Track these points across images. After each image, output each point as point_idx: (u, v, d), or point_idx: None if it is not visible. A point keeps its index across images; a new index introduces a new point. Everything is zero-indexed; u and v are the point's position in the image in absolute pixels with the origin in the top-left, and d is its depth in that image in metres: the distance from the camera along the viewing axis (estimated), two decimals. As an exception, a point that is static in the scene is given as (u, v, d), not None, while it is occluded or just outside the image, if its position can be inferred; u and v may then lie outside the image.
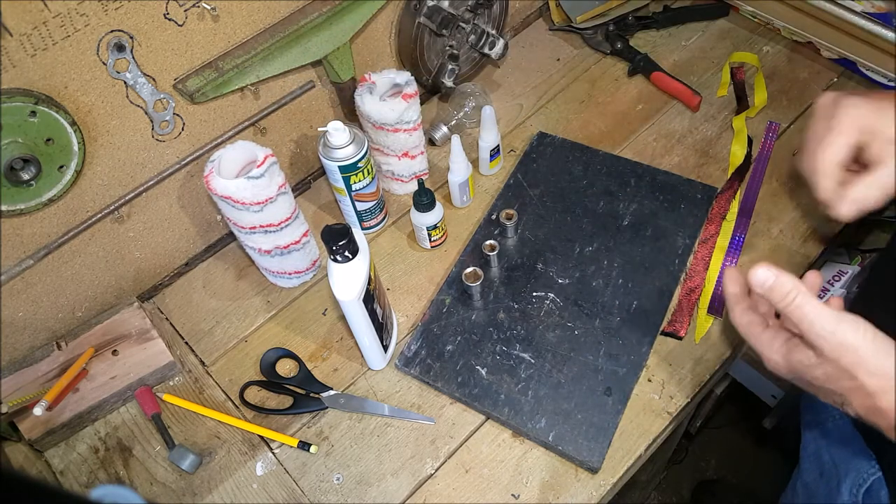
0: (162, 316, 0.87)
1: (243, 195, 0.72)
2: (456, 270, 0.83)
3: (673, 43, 1.05)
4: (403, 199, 0.94)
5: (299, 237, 0.80)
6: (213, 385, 0.80)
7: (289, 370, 0.80)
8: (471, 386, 0.74)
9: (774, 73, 0.99)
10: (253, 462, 0.74)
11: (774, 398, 1.19)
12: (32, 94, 0.64)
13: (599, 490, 0.68)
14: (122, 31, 0.67)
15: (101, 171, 0.74)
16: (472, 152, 0.92)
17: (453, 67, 0.93)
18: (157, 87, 0.73)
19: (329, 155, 0.79)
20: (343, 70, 0.85)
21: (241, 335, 0.84)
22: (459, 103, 0.97)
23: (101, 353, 0.79)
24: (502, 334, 0.77)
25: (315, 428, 0.75)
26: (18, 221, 0.71)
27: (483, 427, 0.73)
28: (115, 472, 0.75)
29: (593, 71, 1.04)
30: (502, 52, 0.96)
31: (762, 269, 0.54)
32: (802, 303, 0.52)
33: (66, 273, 0.78)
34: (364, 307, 0.68)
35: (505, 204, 0.88)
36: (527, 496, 0.69)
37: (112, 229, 0.79)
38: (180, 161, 0.80)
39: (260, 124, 0.84)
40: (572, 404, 0.71)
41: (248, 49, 0.76)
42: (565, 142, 0.94)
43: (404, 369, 0.77)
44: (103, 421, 0.79)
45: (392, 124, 0.82)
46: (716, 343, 0.76)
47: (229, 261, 0.91)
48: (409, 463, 0.72)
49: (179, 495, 0.72)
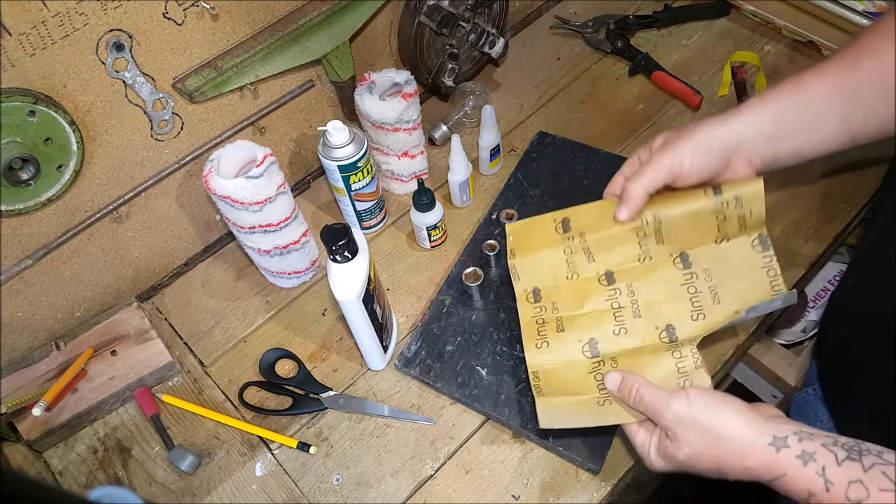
0: (161, 316, 0.87)
1: (242, 195, 0.72)
2: (456, 270, 0.83)
3: (674, 42, 1.05)
4: (403, 199, 0.93)
5: (299, 237, 0.80)
6: (213, 385, 0.80)
7: (288, 371, 0.80)
8: (471, 386, 0.74)
9: (775, 72, 0.99)
10: (252, 463, 0.74)
11: (775, 398, 1.19)
12: (31, 93, 0.63)
13: (600, 491, 0.68)
14: (121, 31, 0.67)
15: (100, 170, 0.74)
16: (472, 152, 0.92)
17: (453, 66, 0.93)
18: (156, 86, 0.72)
19: (328, 154, 0.79)
20: (343, 69, 0.84)
21: (240, 335, 0.84)
22: (459, 103, 0.97)
23: (99, 353, 0.79)
24: (503, 334, 0.77)
25: (314, 429, 0.75)
26: (17, 221, 0.71)
27: (483, 428, 0.73)
28: (114, 473, 0.75)
29: (594, 70, 1.04)
30: (502, 51, 0.95)
31: (612, 373, 0.62)
32: (643, 392, 0.58)
33: (65, 273, 0.78)
34: (364, 307, 0.68)
35: (505, 204, 0.88)
36: (527, 497, 0.68)
37: (111, 229, 0.79)
38: (179, 160, 0.80)
39: (259, 124, 0.84)
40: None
41: (248, 48, 0.75)
42: (566, 141, 0.94)
43: (404, 370, 0.77)
44: (102, 421, 0.79)
45: (392, 123, 0.82)
46: (716, 343, 0.76)
47: (228, 261, 0.91)
48: (409, 464, 0.72)
49: (178, 496, 0.72)
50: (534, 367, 0.68)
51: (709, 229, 0.66)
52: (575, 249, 0.70)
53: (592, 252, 0.69)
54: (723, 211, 0.65)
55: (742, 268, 0.65)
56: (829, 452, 0.50)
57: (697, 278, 0.66)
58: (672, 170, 0.62)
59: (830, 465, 0.50)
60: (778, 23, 1.01)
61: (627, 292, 0.68)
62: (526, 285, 0.72)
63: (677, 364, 0.63)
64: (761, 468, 0.52)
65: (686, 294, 0.66)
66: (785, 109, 0.61)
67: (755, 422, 0.54)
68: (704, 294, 0.65)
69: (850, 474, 0.49)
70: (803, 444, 0.51)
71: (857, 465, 0.49)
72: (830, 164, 0.87)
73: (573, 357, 0.67)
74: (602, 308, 0.68)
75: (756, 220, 0.65)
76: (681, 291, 0.66)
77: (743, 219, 0.65)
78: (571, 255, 0.70)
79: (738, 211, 0.65)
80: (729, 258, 0.66)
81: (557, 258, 0.71)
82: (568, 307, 0.69)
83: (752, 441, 0.53)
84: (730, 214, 0.65)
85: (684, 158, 0.62)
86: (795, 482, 0.51)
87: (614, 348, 0.66)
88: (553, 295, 0.71)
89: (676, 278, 0.67)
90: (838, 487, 0.49)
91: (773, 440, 0.52)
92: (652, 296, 0.67)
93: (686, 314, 0.65)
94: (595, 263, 0.69)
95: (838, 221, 0.83)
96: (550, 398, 0.65)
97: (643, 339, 0.66)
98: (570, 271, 0.70)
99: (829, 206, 0.84)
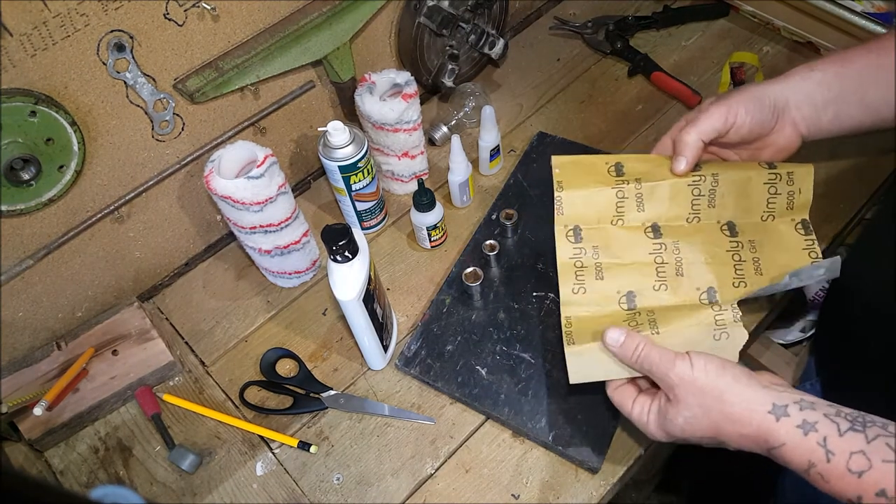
0: (162, 316, 0.87)
1: (243, 195, 0.72)
2: (456, 270, 0.83)
3: (673, 43, 1.05)
4: (403, 199, 0.94)
5: (299, 237, 0.80)
6: (213, 385, 0.80)
7: (289, 370, 0.80)
8: (471, 386, 0.74)
9: (774, 72, 0.97)
10: (253, 462, 0.74)
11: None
12: (32, 93, 0.64)
13: (599, 490, 0.68)
14: (122, 31, 0.67)
15: (101, 170, 0.74)
16: (472, 152, 0.92)
17: (453, 67, 0.93)
18: (157, 86, 0.73)
19: (329, 155, 0.79)
20: (343, 70, 0.85)
21: (241, 335, 0.84)
22: (459, 103, 0.97)
23: (101, 353, 0.79)
24: (502, 334, 0.77)
25: (315, 428, 0.75)
26: (18, 221, 0.71)
27: (483, 427, 0.73)
28: (115, 472, 0.75)
29: (593, 71, 1.04)
30: (502, 51, 0.96)
31: (613, 329, 0.60)
32: (648, 351, 0.57)
33: (66, 273, 0.78)
34: (364, 307, 0.68)
35: (505, 204, 0.88)
36: (527, 496, 0.68)
37: (112, 229, 0.79)
38: (180, 161, 0.80)
39: (260, 124, 0.84)
40: (572, 404, 0.71)
41: (248, 49, 0.76)
42: (565, 142, 0.94)
43: (404, 369, 0.77)
44: (103, 421, 0.79)
45: (392, 124, 0.82)
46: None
47: (229, 261, 0.91)
48: (409, 463, 0.72)
49: (179, 495, 0.72)
50: (568, 313, 0.66)
51: (759, 201, 0.67)
52: (628, 194, 0.68)
53: (644, 200, 0.68)
54: (775, 184, 0.66)
55: (785, 245, 0.66)
56: (831, 423, 0.49)
57: (742, 248, 0.67)
58: (728, 119, 0.64)
59: (832, 435, 0.48)
60: (777, 23, 1.01)
61: (673, 249, 0.67)
62: (568, 221, 0.69)
63: (715, 317, 0.62)
64: (759, 436, 0.51)
65: (731, 261, 0.67)
66: (830, 79, 0.64)
67: (754, 388, 0.52)
68: (748, 264, 0.66)
69: (852, 445, 0.47)
70: (804, 414, 0.50)
71: (861, 435, 0.48)
72: (831, 164, 0.87)
73: (608, 307, 0.66)
74: (645, 261, 0.67)
75: (803, 200, 0.67)
76: (726, 257, 0.67)
77: (792, 196, 0.67)
78: (623, 199, 0.68)
79: (790, 187, 0.67)
80: (773, 234, 0.67)
81: (607, 198, 0.69)
82: (610, 254, 0.68)
83: (751, 408, 0.51)
84: (781, 189, 0.67)
85: (739, 108, 0.64)
86: (795, 452, 0.50)
87: (653, 303, 0.65)
88: (595, 237, 0.69)
89: (723, 244, 0.67)
90: (839, 458, 0.48)
91: (772, 408, 0.51)
92: (697, 257, 0.67)
93: (728, 280, 0.66)
94: (644, 213, 0.68)
95: (837, 221, 0.83)
96: (581, 346, 0.62)
97: (683, 298, 0.65)
98: (617, 216, 0.69)
99: (829, 206, 0.84)
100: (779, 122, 0.65)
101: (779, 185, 0.67)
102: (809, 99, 0.65)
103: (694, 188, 0.67)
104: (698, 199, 0.68)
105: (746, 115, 0.64)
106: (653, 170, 0.68)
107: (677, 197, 0.68)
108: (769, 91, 0.65)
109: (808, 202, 0.67)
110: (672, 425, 0.56)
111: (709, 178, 0.67)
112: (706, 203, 0.68)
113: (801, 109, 0.65)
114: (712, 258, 0.67)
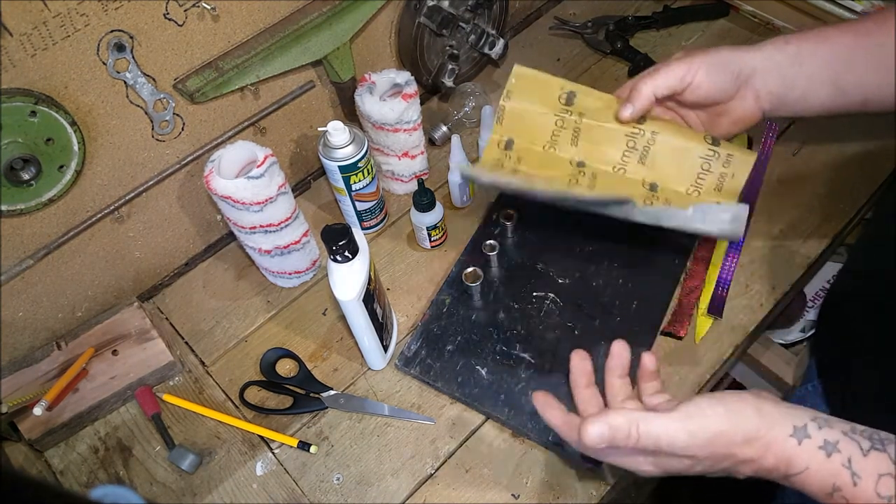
0: (162, 316, 0.87)
1: (243, 195, 0.72)
2: (456, 270, 0.83)
3: (673, 43, 1.05)
4: (403, 199, 0.94)
5: (299, 237, 0.80)
6: (213, 385, 0.80)
7: (289, 370, 0.80)
8: (471, 386, 0.74)
9: (774, 73, 0.99)
10: (253, 462, 0.74)
11: (774, 398, 1.19)
12: (32, 93, 0.64)
13: (599, 490, 0.68)
14: (122, 31, 0.67)
15: (101, 170, 0.74)
16: (472, 152, 0.92)
17: (453, 67, 0.93)
18: (157, 86, 0.73)
19: (329, 155, 0.79)
20: (343, 70, 0.85)
21: (241, 335, 0.84)
22: (459, 103, 0.97)
23: (100, 353, 0.79)
24: (502, 334, 0.77)
25: (315, 428, 0.75)
26: (18, 221, 0.71)
27: (483, 427, 0.73)
28: (115, 472, 0.75)
29: (593, 71, 1.04)
30: (502, 51, 0.96)
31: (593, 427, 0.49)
32: (647, 430, 0.48)
33: (66, 273, 0.78)
34: (364, 307, 0.68)
35: (505, 204, 0.88)
36: (527, 496, 0.68)
37: (112, 229, 0.79)
38: (180, 161, 0.80)
39: (260, 124, 0.84)
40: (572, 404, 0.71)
41: (248, 49, 0.76)
42: (565, 142, 0.94)
43: (404, 369, 0.77)
44: (103, 421, 0.79)
45: (392, 124, 0.82)
46: (716, 343, 0.76)
47: (229, 261, 0.91)
48: (409, 463, 0.72)
49: (179, 495, 0.72)
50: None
51: (689, 173, 0.67)
52: (566, 125, 0.70)
53: (581, 137, 0.69)
54: (710, 160, 0.66)
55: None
56: (851, 441, 0.45)
57: (658, 200, 0.68)
58: (684, 78, 0.63)
59: (856, 455, 0.44)
60: (777, 23, 1.01)
61: (588, 185, 0.69)
62: (504, 133, 0.72)
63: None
64: (781, 464, 0.46)
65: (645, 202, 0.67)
66: (805, 55, 0.62)
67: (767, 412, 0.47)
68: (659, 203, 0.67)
69: (878, 466, 0.43)
70: (824, 433, 0.45)
71: (884, 455, 0.44)
72: (830, 165, 0.87)
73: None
74: (562, 181, 0.69)
75: (734, 185, 0.66)
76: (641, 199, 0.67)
77: (723, 178, 0.66)
78: (560, 129, 0.70)
79: (724, 169, 0.66)
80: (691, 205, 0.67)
81: (546, 123, 0.70)
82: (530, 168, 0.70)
83: (769, 435, 0.46)
84: (714, 168, 0.66)
85: (699, 70, 0.62)
86: (819, 476, 0.45)
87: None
88: (523, 153, 0.71)
89: (640, 195, 0.68)
90: (867, 482, 0.43)
91: (793, 431, 0.46)
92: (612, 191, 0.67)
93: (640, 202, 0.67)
94: (576, 148, 0.69)
95: (837, 221, 0.83)
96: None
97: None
98: (550, 143, 0.70)
99: (829, 205, 0.84)
100: (740, 90, 0.63)
101: (713, 164, 0.66)
102: (779, 71, 0.62)
103: (630, 140, 0.67)
104: (631, 151, 0.68)
105: (706, 78, 0.62)
106: (602, 109, 0.69)
107: (612, 143, 0.68)
108: (737, 57, 0.63)
109: (737, 189, 0.66)
110: (686, 472, 0.52)
111: (647, 133, 0.67)
112: (637, 158, 0.68)
113: (768, 83, 0.63)
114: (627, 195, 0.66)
